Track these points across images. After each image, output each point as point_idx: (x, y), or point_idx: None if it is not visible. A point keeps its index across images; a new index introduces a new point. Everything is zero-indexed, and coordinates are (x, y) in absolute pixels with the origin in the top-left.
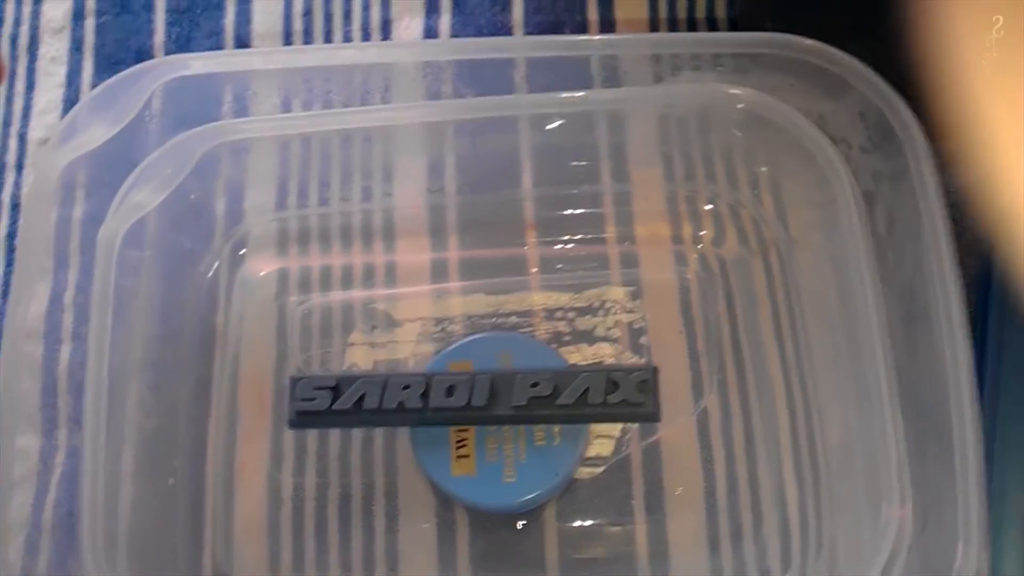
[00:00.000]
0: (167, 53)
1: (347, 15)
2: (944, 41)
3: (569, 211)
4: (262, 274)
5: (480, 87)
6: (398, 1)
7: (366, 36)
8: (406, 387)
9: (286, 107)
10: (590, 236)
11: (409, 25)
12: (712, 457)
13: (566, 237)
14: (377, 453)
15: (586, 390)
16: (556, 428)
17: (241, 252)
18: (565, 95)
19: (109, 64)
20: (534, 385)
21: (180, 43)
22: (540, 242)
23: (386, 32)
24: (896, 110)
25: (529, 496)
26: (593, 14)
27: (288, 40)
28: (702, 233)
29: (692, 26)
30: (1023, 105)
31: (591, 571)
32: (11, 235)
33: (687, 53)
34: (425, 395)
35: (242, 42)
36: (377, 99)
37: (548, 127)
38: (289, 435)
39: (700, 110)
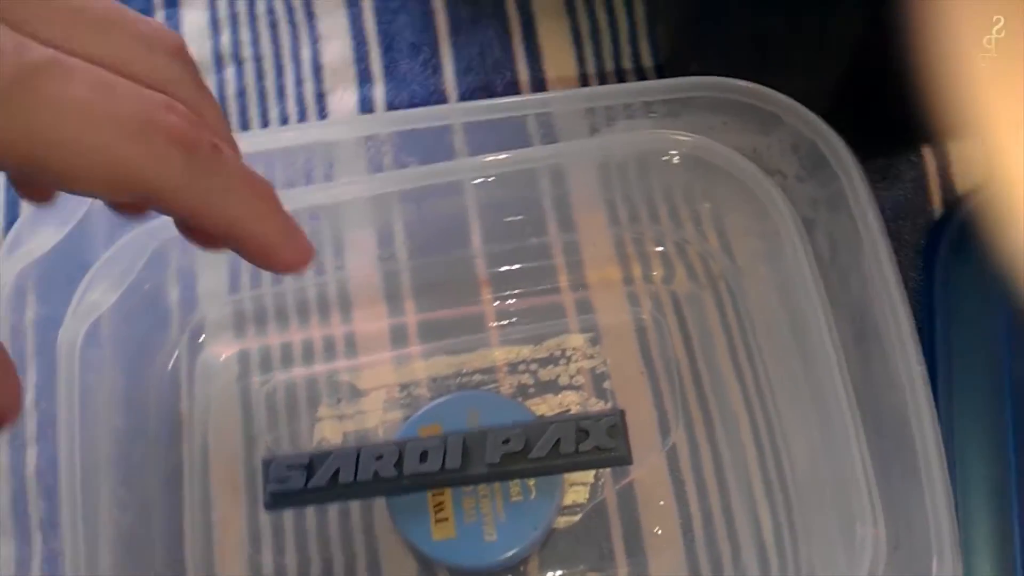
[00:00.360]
0: None
1: (280, 92)
2: (941, 42)
3: (520, 265)
4: (223, 358)
5: (421, 155)
6: (331, 74)
7: (301, 111)
8: (379, 457)
9: None
10: (543, 287)
11: (343, 97)
12: (685, 492)
13: (520, 290)
14: (356, 525)
15: (557, 441)
16: (531, 482)
17: (200, 339)
18: (504, 155)
19: None
20: (506, 442)
21: None
22: (495, 298)
23: (321, 105)
24: (826, 139)
25: (511, 552)
26: (523, 72)
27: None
28: (653, 273)
29: (620, 77)
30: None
31: None
32: None
33: (620, 103)
34: (399, 463)
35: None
36: (320, 176)
37: (492, 187)
38: (266, 516)
39: (638, 156)
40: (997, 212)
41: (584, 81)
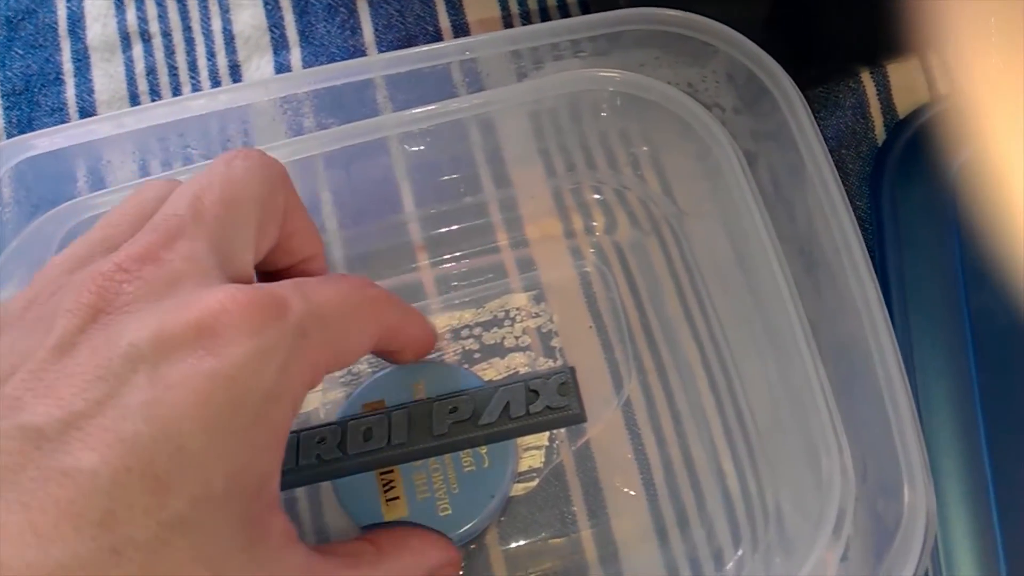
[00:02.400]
0: (8, 137)
1: (192, 66)
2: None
3: (456, 226)
4: None
5: (343, 114)
6: (244, 44)
7: (215, 84)
8: (321, 440)
9: (144, 171)
10: (482, 247)
11: (259, 66)
12: (643, 445)
13: (458, 253)
14: (303, 514)
15: (507, 405)
16: (483, 450)
17: None
18: (431, 107)
19: None
20: (453, 410)
21: (22, 126)
22: (432, 263)
23: (236, 77)
24: (765, 67)
25: (468, 525)
26: (444, 21)
27: (135, 102)
28: (593, 223)
29: (545, 16)
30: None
31: None
32: None
33: (546, 44)
34: (342, 444)
35: (87, 113)
36: (238, 144)
37: (421, 144)
38: None
39: (570, 99)
40: (950, 129)
41: (508, 23)
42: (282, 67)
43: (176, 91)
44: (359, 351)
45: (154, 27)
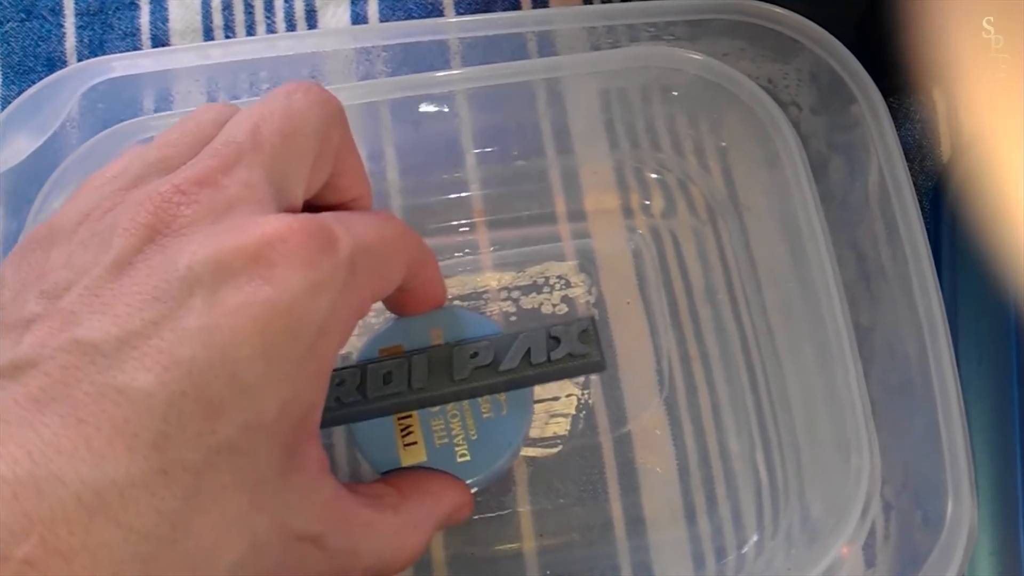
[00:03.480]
0: (80, 59)
1: (269, 6)
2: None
3: (516, 188)
4: None
5: (415, 71)
6: None
7: (290, 27)
8: (340, 382)
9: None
10: (538, 212)
11: (336, 13)
12: (681, 428)
13: (513, 215)
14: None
15: (528, 351)
16: (502, 397)
17: None
18: (503, 65)
19: (19, 74)
20: (473, 355)
21: (93, 47)
22: (487, 221)
23: (311, 22)
24: (850, 69)
25: (485, 472)
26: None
27: (208, 36)
28: (651, 204)
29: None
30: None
31: (569, 552)
32: None
33: (626, 23)
34: (362, 387)
35: (159, 41)
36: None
37: (487, 104)
38: None
39: (642, 74)
40: (981, 185)
41: (588, 0)
42: (358, 16)
43: (250, 30)
44: (394, 284)
45: None
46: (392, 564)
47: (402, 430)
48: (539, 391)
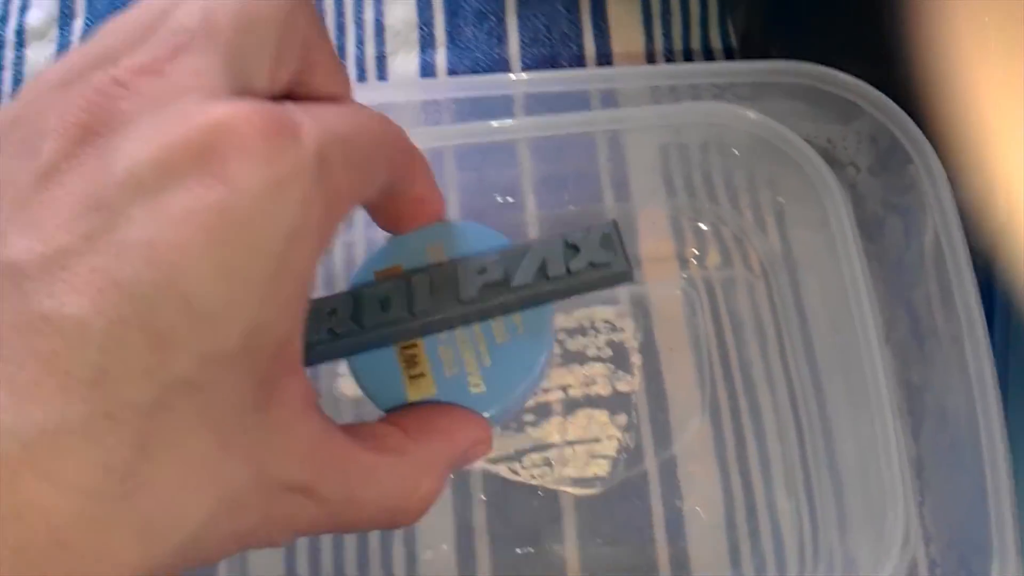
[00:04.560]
0: None
1: (341, 52)
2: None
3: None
4: None
5: (479, 119)
6: (393, 37)
7: (361, 72)
8: (332, 311)
9: None
10: None
11: (404, 61)
12: (728, 479)
13: None
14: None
15: (543, 263)
16: (517, 318)
17: None
18: (565, 116)
19: None
20: (481, 271)
21: None
22: None
23: (381, 68)
24: (910, 134)
25: (504, 402)
26: (589, 46)
27: None
28: (705, 255)
29: (688, 56)
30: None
31: None
32: None
33: (688, 83)
34: (357, 315)
35: None
36: None
37: (548, 151)
38: None
39: (703, 130)
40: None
41: (651, 58)
42: (427, 65)
43: None
44: (376, 185)
45: None
46: (402, 513)
47: (406, 361)
48: (579, 430)
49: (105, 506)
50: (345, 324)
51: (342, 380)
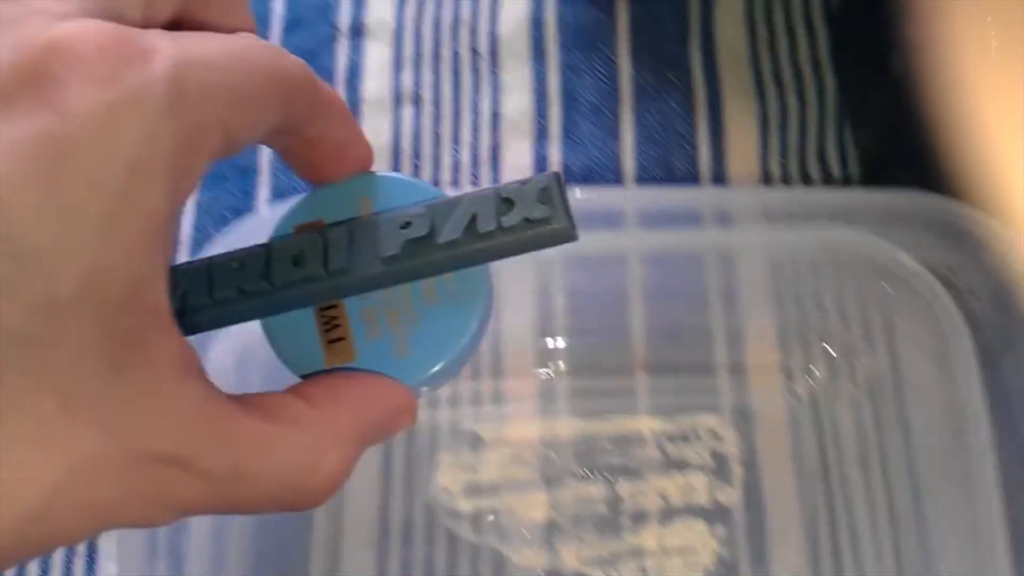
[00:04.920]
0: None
1: (456, 139)
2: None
3: (678, 337)
4: None
5: (590, 226)
6: (508, 127)
7: (475, 161)
8: (239, 267)
9: None
10: (698, 362)
11: (518, 152)
12: None
13: (673, 362)
14: None
15: (473, 218)
16: (449, 279)
17: None
18: (678, 232)
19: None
20: (405, 226)
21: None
22: (647, 366)
23: (495, 158)
24: None
25: (433, 369)
26: (703, 148)
27: (397, 161)
28: (813, 368)
29: (806, 179)
30: None
31: None
32: None
33: (805, 211)
34: (267, 272)
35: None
36: None
37: (659, 261)
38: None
39: (817, 253)
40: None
41: (766, 177)
42: (541, 158)
43: (436, 159)
44: (262, 119)
45: (426, 93)
46: (305, 492)
47: (325, 324)
48: (676, 539)
49: None
50: (254, 281)
51: None
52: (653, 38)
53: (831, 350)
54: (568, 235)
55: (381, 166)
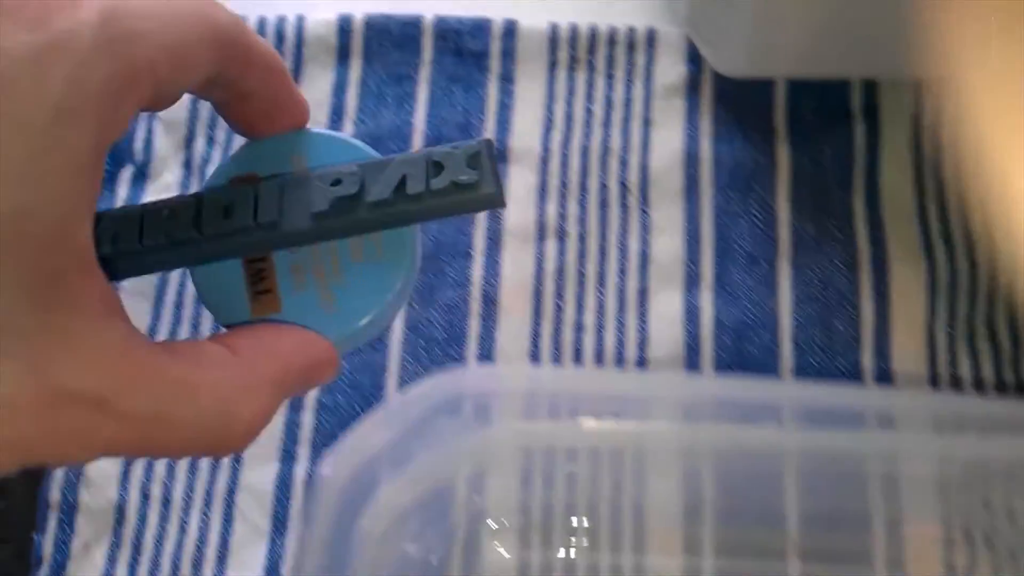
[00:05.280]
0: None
1: (601, 279)
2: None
3: (835, 529)
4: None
5: (742, 416)
6: (657, 271)
7: (620, 304)
8: (170, 215)
9: None
10: (856, 550)
11: (667, 300)
12: None
13: (829, 562)
14: None
15: (403, 179)
16: (376, 238)
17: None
18: (838, 434)
19: None
20: (336, 183)
21: (421, 292)
22: (802, 553)
23: (642, 303)
24: None
25: (359, 323)
26: (867, 310)
27: (538, 299)
28: (973, 565)
29: (979, 385)
30: None
31: None
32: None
33: (978, 418)
34: (198, 221)
35: (488, 296)
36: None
37: (815, 460)
38: None
39: (986, 464)
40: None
41: (934, 383)
42: (691, 308)
43: (580, 301)
44: (194, 67)
45: (572, 227)
46: (225, 437)
47: (252, 275)
48: None
49: None
50: (185, 230)
51: None
52: (814, 184)
53: (996, 547)
54: (495, 200)
55: (519, 307)
